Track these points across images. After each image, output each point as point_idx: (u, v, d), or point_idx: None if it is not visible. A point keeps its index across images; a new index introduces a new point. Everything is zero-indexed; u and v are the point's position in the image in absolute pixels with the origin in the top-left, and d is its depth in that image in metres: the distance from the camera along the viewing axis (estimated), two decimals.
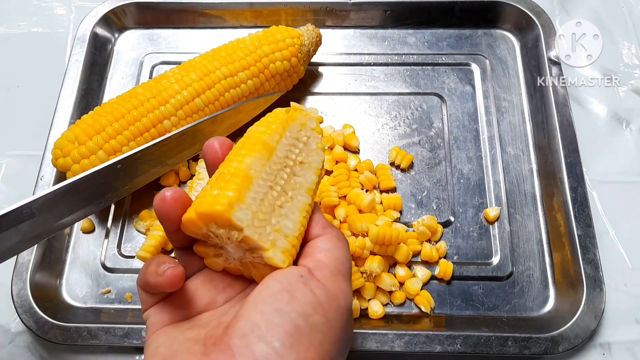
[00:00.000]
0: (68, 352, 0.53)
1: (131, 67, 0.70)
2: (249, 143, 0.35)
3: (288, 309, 0.30)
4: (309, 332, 0.30)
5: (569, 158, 0.59)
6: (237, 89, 0.58)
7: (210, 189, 0.33)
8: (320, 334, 0.30)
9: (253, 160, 0.34)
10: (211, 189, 0.33)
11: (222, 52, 0.59)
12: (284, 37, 0.61)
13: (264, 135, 0.36)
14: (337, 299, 0.32)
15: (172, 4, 0.71)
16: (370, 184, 0.59)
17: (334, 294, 0.32)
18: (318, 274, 0.33)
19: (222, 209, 0.31)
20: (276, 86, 0.62)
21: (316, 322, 0.30)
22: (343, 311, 0.32)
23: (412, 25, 0.72)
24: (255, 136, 0.36)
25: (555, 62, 0.66)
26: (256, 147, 0.35)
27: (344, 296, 0.33)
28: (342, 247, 0.35)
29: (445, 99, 0.67)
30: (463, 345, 0.49)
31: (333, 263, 0.34)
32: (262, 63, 0.59)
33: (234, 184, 0.32)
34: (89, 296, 0.56)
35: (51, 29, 0.74)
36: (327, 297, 0.32)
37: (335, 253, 0.34)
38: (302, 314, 0.30)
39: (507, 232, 0.58)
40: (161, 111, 0.55)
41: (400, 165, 0.62)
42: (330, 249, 0.34)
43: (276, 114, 0.38)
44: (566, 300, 0.53)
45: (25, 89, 0.70)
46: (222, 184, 0.33)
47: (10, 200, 0.61)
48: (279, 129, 0.36)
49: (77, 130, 0.54)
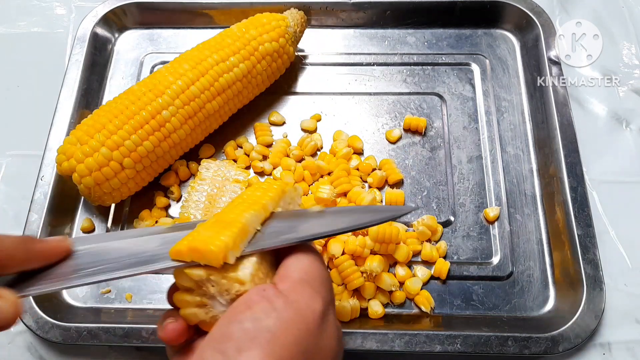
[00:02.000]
0: (68, 352, 0.53)
1: (131, 67, 0.70)
2: (247, 202, 0.38)
3: (241, 317, 0.31)
4: (258, 334, 0.30)
5: (569, 158, 0.59)
6: (230, 73, 0.59)
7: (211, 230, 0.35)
8: (269, 334, 0.30)
9: (252, 216, 0.36)
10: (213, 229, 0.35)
11: (212, 42, 0.61)
12: (269, 21, 0.63)
13: (262, 199, 0.38)
14: (296, 303, 0.32)
15: (172, 4, 0.71)
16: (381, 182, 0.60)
17: (293, 300, 0.33)
18: (281, 286, 0.34)
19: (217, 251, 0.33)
20: (268, 68, 0.62)
21: (268, 325, 0.31)
22: (307, 315, 0.32)
23: (412, 25, 0.72)
24: (254, 198, 0.39)
25: (555, 62, 0.66)
26: (255, 206, 0.38)
27: (307, 301, 0.33)
28: (307, 258, 0.36)
29: (445, 99, 0.67)
30: (463, 345, 0.49)
31: (296, 274, 0.35)
32: (252, 46, 0.60)
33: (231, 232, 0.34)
34: (89, 296, 0.56)
35: (51, 29, 0.74)
36: (285, 303, 0.32)
37: (299, 265, 0.35)
38: (252, 319, 0.31)
39: (507, 232, 0.58)
40: (159, 102, 0.55)
41: (417, 130, 0.64)
42: (295, 263, 0.36)
43: (270, 184, 0.42)
44: (566, 300, 0.53)
45: (25, 89, 0.70)
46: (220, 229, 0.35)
47: (10, 200, 0.61)
48: (275, 197, 0.40)
49: (78, 132, 0.54)
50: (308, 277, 0.35)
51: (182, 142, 0.58)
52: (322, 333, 0.33)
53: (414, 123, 0.64)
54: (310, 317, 0.32)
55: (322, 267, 0.36)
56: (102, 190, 0.54)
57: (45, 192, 0.58)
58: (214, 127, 0.62)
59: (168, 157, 0.58)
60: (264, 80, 0.63)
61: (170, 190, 0.61)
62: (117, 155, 0.53)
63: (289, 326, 0.31)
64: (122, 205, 0.60)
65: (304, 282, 0.34)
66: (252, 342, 0.30)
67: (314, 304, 0.33)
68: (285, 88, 0.68)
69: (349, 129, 0.65)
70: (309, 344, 0.32)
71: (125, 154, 0.53)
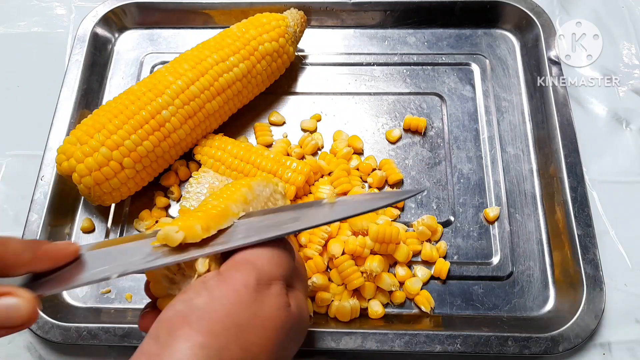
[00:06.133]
0: (68, 352, 0.53)
1: (131, 67, 0.70)
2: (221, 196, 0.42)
3: (174, 302, 0.33)
4: (189, 312, 0.31)
5: (569, 158, 0.59)
6: (229, 72, 0.59)
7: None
8: (199, 311, 0.31)
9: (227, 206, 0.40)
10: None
11: (211, 42, 0.61)
12: (269, 21, 0.62)
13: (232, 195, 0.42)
14: (229, 279, 0.33)
15: (172, 4, 0.71)
16: (381, 182, 0.60)
17: (226, 277, 0.33)
18: (222, 267, 0.35)
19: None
20: (268, 68, 0.62)
21: (198, 303, 0.32)
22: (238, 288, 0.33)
23: (412, 25, 0.72)
24: (227, 192, 0.42)
25: (555, 62, 0.66)
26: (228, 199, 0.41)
27: (241, 275, 0.33)
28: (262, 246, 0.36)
29: (445, 99, 0.67)
30: (463, 345, 0.49)
31: (242, 254, 0.35)
32: (252, 45, 0.60)
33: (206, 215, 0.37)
34: (89, 296, 0.56)
35: (51, 29, 0.74)
36: (217, 281, 0.33)
37: (248, 250, 0.36)
38: (183, 300, 0.32)
39: (507, 232, 0.58)
40: (158, 102, 0.55)
41: (417, 130, 0.64)
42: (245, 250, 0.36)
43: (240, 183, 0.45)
44: (566, 300, 0.53)
45: (25, 89, 0.70)
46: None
47: (10, 200, 0.61)
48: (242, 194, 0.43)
49: (78, 132, 0.54)
50: (252, 256, 0.35)
51: (182, 142, 0.58)
52: (259, 304, 0.33)
53: (414, 123, 0.64)
54: (242, 289, 0.33)
55: (276, 246, 0.37)
56: (102, 190, 0.54)
57: (45, 192, 0.58)
58: (213, 127, 0.62)
59: (168, 157, 0.58)
60: (264, 80, 0.63)
61: (170, 190, 0.61)
62: (117, 155, 0.53)
63: (219, 300, 0.32)
64: (122, 205, 0.60)
65: (245, 260, 0.35)
66: (183, 322, 0.31)
67: (247, 278, 0.33)
68: (285, 88, 0.68)
69: (349, 129, 0.65)
70: (242, 314, 0.32)
71: (125, 154, 0.53)
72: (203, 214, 0.37)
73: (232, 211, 0.39)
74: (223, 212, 0.38)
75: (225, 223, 0.38)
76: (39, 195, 0.58)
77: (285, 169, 0.56)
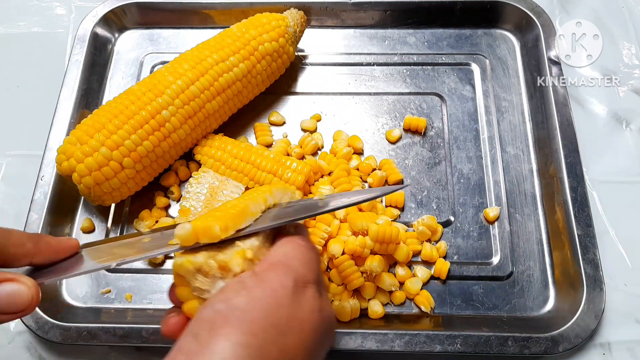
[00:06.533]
0: (68, 352, 0.53)
1: (131, 67, 0.70)
2: (247, 196, 0.42)
3: (213, 301, 0.33)
4: (229, 313, 0.31)
5: (569, 158, 0.59)
6: (229, 72, 0.59)
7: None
8: (239, 311, 0.31)
9: (251, 203, 0.40)
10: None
11: (211, 42, 0.61)
12: (269, 21, 0.62)
13: (261, 194, 0.42)
14: (267, 280, 0.33)
15: (172, 4, 0.71)
16: (381, 182, 0.60)
17: (264, 278, 0.34)
18: (257, 269, 0.35)
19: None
20: (268, 68, 0.62)
21: (238, 303, 0.32)
22: (277, 289, 0.33)
23: (412, 25, 0.72)
24: (253, 194, 0.42)
25: (555, 62, 0.66)
26: (254, 198, 0.41)
27: (278, 277, 0.34)
28: (291, 243, 0.37)
29: (445, 99, 0.67)
30: (463, 345, 0.49)
31: (274, 256, 0.36)
32: (252, 45, 0.60)
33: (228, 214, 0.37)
34: (89, 296, 0.56)
35: (51, 29, 0.74)
36: (255, 281, 0.33)
37: (279, 250, 0.37)
38: (223, 300, 0.32)
39: (507, 232, 0.58)
40: (158, 102, 0.55)
41: (417, 130, 0.64)
42: (276, 248, 0.37)
43: (269, 186, 0.46)
44: (566, 300, 0.53)
45: (25, 89, 0.70)
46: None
47: (10, 200, 0.61)
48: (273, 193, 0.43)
49: (78, 132, 0.54)
50: (285, 258, 0.36)
51: (182, 142, 0.58)
52: (296, 306, 0.34)
53: (414, 123, 0.64)
54: (280, 291, 0.33)
55: (306, 250, 0.37)
56: (102, 190, 0.54)
57: (45, 192, 0.58)
58: (213, 127, 0.62)
59: (168, 157, 0.58)
60: (264, 80, 0.63)
61: (170, 190, 0.61)
62: (117, 155, 0.53)
63: (259, 301, 0.32)
64: (122, 205, 0.60)
65: (280, 262, 0.35)
66: (224, 321, 0.31)
67: (284, 280, 0.34)
68: (285, 88, 0.68)
69: (349, 129, 0.65)
70: (281, 316, 0.32)
71: (125, 154, 0.53)
72: (222, 213, 0.37)
73: (251, 211, 0.39)
74: (242, 211, 0.38)
75: (244, 223, 0.37)
76: (39, 195, 0.58)
77: (285, 169, 0.56)
